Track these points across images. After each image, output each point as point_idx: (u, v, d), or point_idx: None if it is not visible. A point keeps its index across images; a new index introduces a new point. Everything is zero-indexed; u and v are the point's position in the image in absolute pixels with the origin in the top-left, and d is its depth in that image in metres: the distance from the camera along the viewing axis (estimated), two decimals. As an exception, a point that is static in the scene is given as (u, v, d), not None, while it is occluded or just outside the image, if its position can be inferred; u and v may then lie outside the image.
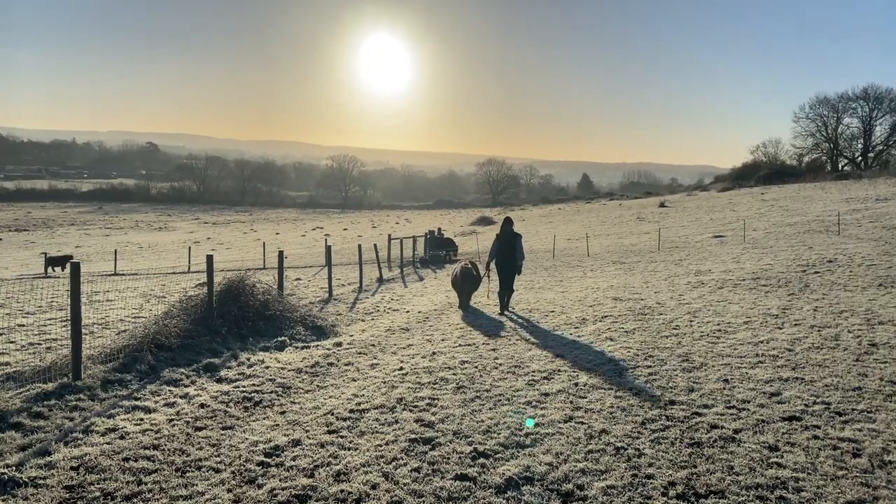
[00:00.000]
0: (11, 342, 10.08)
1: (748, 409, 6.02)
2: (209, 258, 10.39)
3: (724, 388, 6.72)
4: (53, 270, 32.01)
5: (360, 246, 20.78)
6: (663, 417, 5.89)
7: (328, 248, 17.77)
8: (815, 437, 5.30)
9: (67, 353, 7.79)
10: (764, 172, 79.42)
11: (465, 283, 13.40)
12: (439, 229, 35.18)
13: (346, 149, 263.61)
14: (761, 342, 8.81)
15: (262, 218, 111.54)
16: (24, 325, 11.37)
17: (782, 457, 4.95)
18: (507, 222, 12.96)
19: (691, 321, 10.57)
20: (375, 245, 23.19)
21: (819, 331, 9.33)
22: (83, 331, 11.39)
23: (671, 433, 5.49)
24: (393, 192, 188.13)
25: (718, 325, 10.15)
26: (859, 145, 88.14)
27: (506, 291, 12.80)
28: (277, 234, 72.42)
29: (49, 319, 11.93)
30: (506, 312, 12.58)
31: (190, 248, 38.56)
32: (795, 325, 9.89)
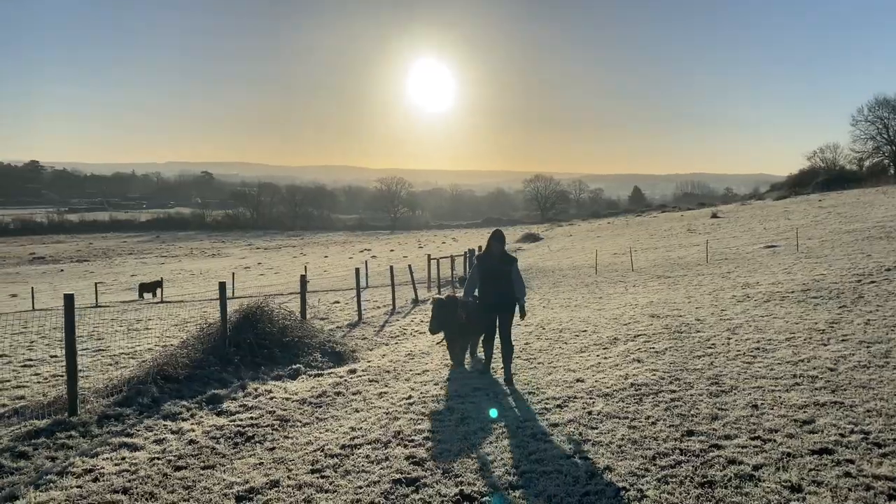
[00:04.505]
0: (37, 374, 10.10)
1: (774, 441, 5.38)
2: (221, 285, 10.23)
3: (751, 416, 6.08)
4: (144, 297, 32.30)
5: (391, 268, 20.55)
6: (677, 451, 5.31)
7: (356, 271, 17.59)
8: (847, 475, 4.64)
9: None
10: (822, 179, 76.77)
11: (443, 328, 9.31)
12: (480, 247, 34.79)
13: (394, 171, 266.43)
14: (801, 361, 8.09)
15: (313, 242, 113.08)
16: (56, 357, 11.41)
17: (804, 499, 4.33)
18: (495, 237, 8.76)
19: (729, 339, 9.88)
20: (410, 266, 22.95)
21: (868, 347, 8.54)
22: (109, 361, 11.47)
23: (682, 470, 4.91)
24: (441, 211, 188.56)
25: (758, 342, 9.43)
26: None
27: (491, 342, 8.94)
28: (326, 257, 73.15)
29: (82, 350, 11.95)
30: (502, 381, 8.43)
31: (233, 273, 39.09)
32: (843, 340, 9.10)
